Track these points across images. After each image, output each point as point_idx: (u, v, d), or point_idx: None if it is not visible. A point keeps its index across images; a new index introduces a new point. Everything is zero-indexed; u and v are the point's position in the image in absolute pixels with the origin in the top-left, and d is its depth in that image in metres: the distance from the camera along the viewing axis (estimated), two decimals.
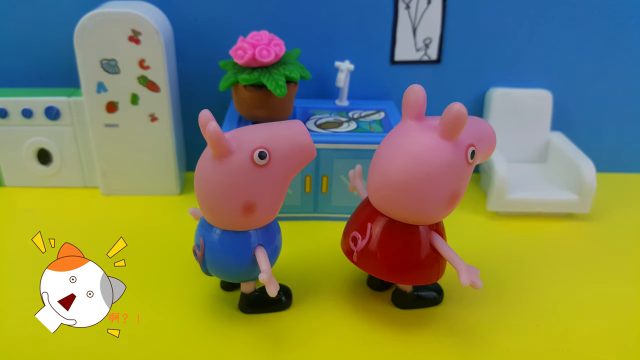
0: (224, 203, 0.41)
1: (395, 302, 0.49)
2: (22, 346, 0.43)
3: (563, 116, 0.72)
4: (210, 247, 0.44)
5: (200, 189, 0.42)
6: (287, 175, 0.42)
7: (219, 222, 0.42)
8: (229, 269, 0.44)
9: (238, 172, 0.40)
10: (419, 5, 0.66)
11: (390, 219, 0.44)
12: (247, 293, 0.47)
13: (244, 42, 0.56)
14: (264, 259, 0.42)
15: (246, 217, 0.41)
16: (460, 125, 0.39)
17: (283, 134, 0.41)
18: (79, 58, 0.58)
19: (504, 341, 0.45)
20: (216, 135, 0.39)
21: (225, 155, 0.40)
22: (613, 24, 0.67)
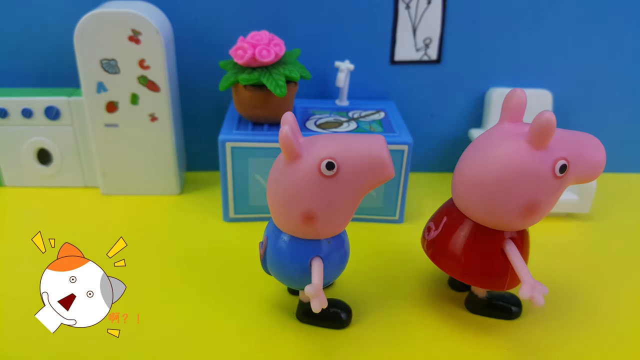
0: (286, 207, 0.40)
1: (467, 305, 0.48)
2: (22, 346, 0.43)
3: (563, 116, 0.72)
4: (271, 247, 0.43)
5: (269, 188, 0.41)
6: (356, 191, 0.40)
7: (281, 225, 0.42)
8: (285, 273, 0.43)
9: (303, 178, 0.39)
10: (419, 5, 0.66)
11: (465, 218, 0.44)
12: (304, 302, 0.46)
13: (244, 42, 0.56)
14: (318, 272, 0.41)
15: (306, 226, 0.40)
16: (548, 134, 0.38)
17: (357, 147, 0.39)
18: (79, 58, 0.58)
19: None
20: (286, 139, 0.38)
21: (295, 159, 0.39)
22: (613, 24, 0.67)
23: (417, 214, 0.64)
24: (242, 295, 0.50)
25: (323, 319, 0.46)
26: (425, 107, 0.71)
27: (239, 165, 0.59)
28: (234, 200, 0.60)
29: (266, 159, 0.58)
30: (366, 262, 0.55)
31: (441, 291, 0.51)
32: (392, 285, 0.52)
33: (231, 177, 0.59)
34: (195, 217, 0.62)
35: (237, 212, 0.61)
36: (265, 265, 0.45)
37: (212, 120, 0.70)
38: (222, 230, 0.60)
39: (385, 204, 0.61)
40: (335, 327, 0.46)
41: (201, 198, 0.66)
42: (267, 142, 0.58)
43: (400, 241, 0.59)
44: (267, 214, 0.62)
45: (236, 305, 0.48)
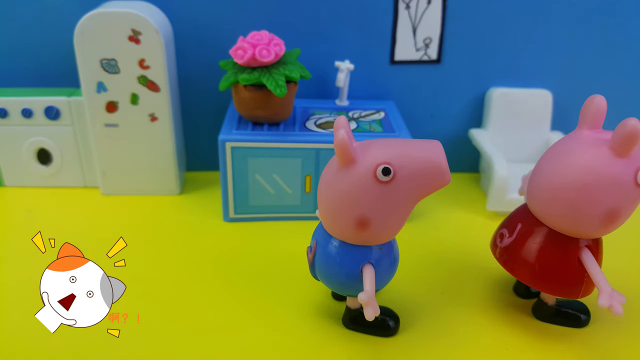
0: (339, 212, 0.39)
1: (534, 313, 0.48)
2: (22, 346, 0.43)
3: (563, 116, 0.72)
4: (321, 252, 0.43)
5: (321, 193, 0.40)
6: (412, 197, 0.39)
7: (332, 230, 0.41)
8: (335, 279, 0.42)
9: (358, 184, 0.38)
10: (419, 5, 0.66)
11: (541, 225, 0.43)
12: (351, 308, 0.45)
13: (244, 42, 0.56)
14: (370, 279, 0.40)
15: (359, 232, 0.39)
16: (633, 141, 0.37)
17: (414, 153, 0.38)
18: (79, 58, 0.58)
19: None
20: (343, 143, 0.37)
21: (349, 164, 0.38)
22: (613, 24, 0.67)
23: (417, 214, 0.64)
24: (243, 296, 0.50)
25: (371, 326, 0.45)
26: (425, 107, 0.71)
27: (239, 165, 0.59)
28: (234, 200, 0.60)
29: (266, 159, 0.58)
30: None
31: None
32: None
33: (231, 177, 0.59)
34: (195, 217, 0.62)
35: (237, 212, 0.61)
36: (313, 270, 0.44)
37: (212, 120, 0.70)
38: (222, 230, 0.60)
39: None
40: (383, 334, 0.45)
41: (201, 198, 0.66)
42: (267, 142, 0.58)
43: (401, 241, 0.59)
44: (267, 213, 0.62)
45: (237, 306, 0.48)
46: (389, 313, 0.46)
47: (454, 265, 0.55)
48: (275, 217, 0.62)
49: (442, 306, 0.49)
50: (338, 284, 0.42)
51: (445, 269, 0.54)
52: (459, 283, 0.52)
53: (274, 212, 0.62)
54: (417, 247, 0.58)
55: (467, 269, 0.54)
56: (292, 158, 0.59)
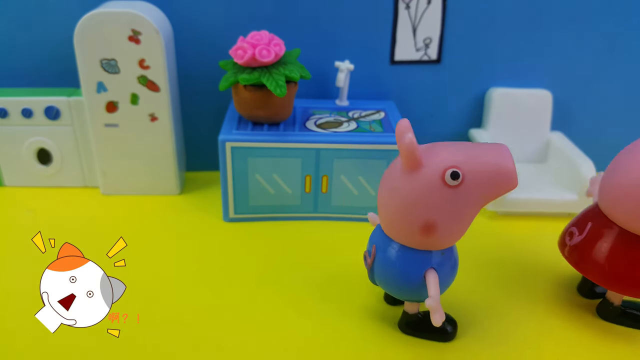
0: (405, 217, 0.39)
1: (599, 312, 0.48)
2: (22, 346, 0.43)
3: (563, 116, 0.72)
4: (381, 257, 0.42)
5: (384, 197, 0.40)
6: (478, 202, 0.38)
7: (395, 235, 0.41)
8: (395, 284, 0.42)
9: (425, 188, 0.37)
10: (419, 5, 0.66)
11: (613, 224, 0.43)
12: (409, 313, 0.45)
13: (244, 42, 0.56)
14: (434, 284, 0.40)
15: (424, 237, 0.39)
16: None
17: (483, 156, 0.38)
18: (79, 58, 0.58)
19: None
20: (411, 147, 0.37)
21: (416, 168, 0.38)
22: (613, 24, 0.67)
23: None
24: (243, 296, 0.50)
25: (428, 331, 0.44)
26: (425, 107, 0.71)
27: (239, 165, 0.59)
28: (234, 200, 0.60)
29: (266, 158, 0.58)
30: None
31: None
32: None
33: (231, 177, 0.59)
34: (195, 217, 0.62)
35: (237, 212, 0.61)
36: (372, 275, 0.44)
37: (212, 120, 0.70)
38: (222, 230, 0.60)
39: None
40: (441, 339, 0.45)
41: (201, 198, 0.66)
42: (267, 142, 0.58)
43: None
44: (267, 213, 0.62)
45: (237, 306, 0.48)
46: (446, 318, 0.45)
47: None
48: (275, 217, 0.62)
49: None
50: (399, 289, 0.42)
51: None
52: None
53: (274, 212, 0.62)
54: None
55: (468, 269, 0.54)
56: (292, 158, 0.59)
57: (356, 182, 0.60)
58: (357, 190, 0.61)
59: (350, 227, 0.61)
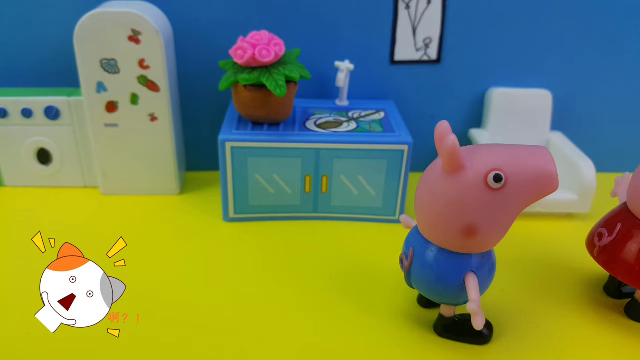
0: (446, 220, 0.39)
1: (627, 312, 0.48)
2: (22, 346, 0.43)
3: (563, 116, 0.72)
4: (419, 260, 0.42)
5: (423, 200, 0.40)
6: (519, 205, 0.38)
7: (434, 238, 0.41)
8: (434, 287, 0.42)
9: (467, 191, 0.37)
10: (419, 5, 0.66)
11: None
12: (445, 316, 0.45)
13: (244, 42, 0.56)
14: (475, 288, 0.40)
15: (465, 240, 0.39)
16: None
17: (525, 159, 0.37)
18: (79, 58, 0.58)
19: None
20: (454, 149, 0.36)
21: (458, 170, 0.37)
22: (613, 24, 0.67)
23: None
24: (243, 296, 0.50)
25: (465, 334, 0.44)
26: (425, 107, 0.71)
27: (239, 165, 0.59)
28: (234, 200, 0.60)
29: (266, 158, 0.58)
30: None
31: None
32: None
33: (231, 177, 0.59)
34: (195, 217, 0.62)
35: (237, 212, 0.61)
36: (409, 278, 0.44)
37: (212, 120, 0.70)
38: (222, 230, 0.60)
39: (385, 204, 0.61)
40: (477, 343, 0.44)
41: (201, 198, 0.66)
42: (267, 142, 0.58)
43: (401, 241, 0.59)
44: (267, 213, 0.62)
45: (238, 306, 0.48)
46: None
47: None
48: (275, 217, 0.62)
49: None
50: (437, 292, 0.42)
51: None
52: None
53: (274, 212, 0.62)
54: None
55: None
56: (292, 158, 0.59)
57: (356, 182, 0.60)
58: (357, 190, 0.61)
59: (350, 227, 0.61)
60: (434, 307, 0.48)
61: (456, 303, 0.43)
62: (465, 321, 0.44)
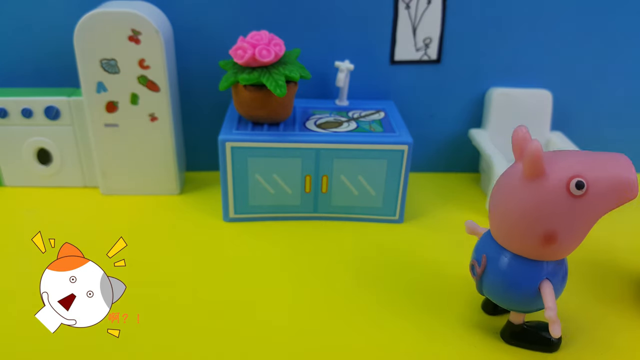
0: (525, 227, 0.38)
1: None
2: (22, 346, 0.43)
3: (563, 116, 0.72)
4: (493, 267, 0.41)
5: (500, 205, 0.40)
6: (598, 212, 0.38)
7: (510, 244, 0.40)
8: (508, 294, 0.41)
9: (548, 198, 0.37)
10: (419, 5, 0.66)
11: None
12: (514, 323, 0.44)
13: (244, 42, 0.56)
14: (551, 295, 0.39)
15: (544, 247, 0.39)
16: None
17: (605, 166, 0.37)
18: (79, 58, 0.58)
19: None
20: (537, 155, 0.36)
21: (539, 177, 0.37)
22: (613, 24, 0.67)
23: (417, 214, 0.64)
24: (244, 296, 0.50)
25: (533, 342, 0.44)
26: (425, 107, 0.71)
27: (239, 165, 0.59)
28: (234, 200, 0.60)
29: (266, 158, 0.58)
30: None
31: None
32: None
33: (231, 177, 0.59)
34: (195, 217, 0.62)
35: (237, 212, 0.61)
36: (480, 285, 0.43)
37: (212, 120, 0.70)
38: (222, 230, 0.60)
39: (385, 204, 0.61)
40: (546, 350, 0.44)
41: (201, 198, 0.66)
42: (267, 142, 0.58)
43: (401, 241, 0.59)
44: (267, 213, 0.62)
45: (238, 306, 0.48)
46: (548, 327, 0.43)
47: (456, 265, 0.55)
48: (275, 217, 0.62)
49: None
50: (510, 299, 0.42)
51: (449, 270, 0.54)
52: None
53: (274, 212, 0.62)
54: (417, 247, 0.58)
55: (468, 270, 0.54)
56: (292, 158, 0.59)
57: (356, 182, 0.60)
58: (357, 190, 0.61)
59: (350, 227, 0.61)
60: (499, 313, 0.47)
61: (529, 310, 0.42)
62: (534, 328, 0.43)
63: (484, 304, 0.48)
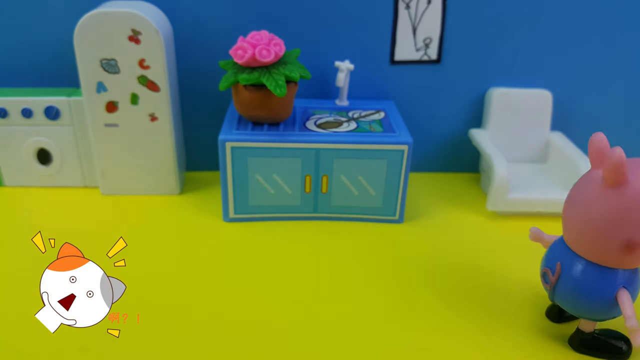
0: (605, 235, 0.38)
1: None
2: (22, 346, 0.43)
3: (563, 116, 0.72)
4: (567, 275, 0.41)
5: (577, 213, 0.39)
6: None
7: (587, 252, 0.40)
8: (582, 302, 0.41)
9: (631, 206, 0.37)
10: (419, 5, 0.66)
11: None
12: (585, 331, 0.44)
13: (244, 42, 0.56)
14: (629, 304, 0.39)
15: (624, 255, 0.38)
16: None
17: None
18: (79, 58, 0.58)
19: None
20: (621, 163, 0.36)
21: (621, 185, 0.37)
22: (613, 24, 0.67)
23: (417, 214, 0.64)
24: (244, 296, 0.50)
25: (603, 350, 0.43)
26: (425, 107, 0.71)
27: (239, 165, 0.59)
28: (234, 200, 0.60)
29: (266, 158, 0.58)
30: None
31: None
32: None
33: (231, 177, 0.59)
34: (195, 217, 0.62)
35: (237, 212, 0.61)
36: (553, 294, 0.43)
37: (212, 120, 0.70)
38: (222, 230, 0.60)
39: (385, 204, 0.61)
40: (615, 358, 0.43)
41: (201, 198, 0.66)
42: (267, 142, 0.58)
43: (401, 241, 0.59)
44: (267, 213, 0.62)
45: (238, 306, 0.48)
46: (618, 336, 0.44)
47: (456, 266, 0.55)
48: (275, 217, 0.62)
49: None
50: (585, 307, 0.41)
51: (449, 270, 0.54)
52: (465, 286, 0.52)
53: (274, 212, 0.62)
54: (417, 247, 0.58)
55: (469, 270, 0.54)
56: (292, 158, 0.59)
57: (356, 182, 0.60)
58: (357, 190, 0.61)
59: (350, 227, 0.61)
60: (565, 321, 0.47)
61: (604, 318, 0.42)
62: (605, 336, 0.43)
63: (548, 311, 0.48)
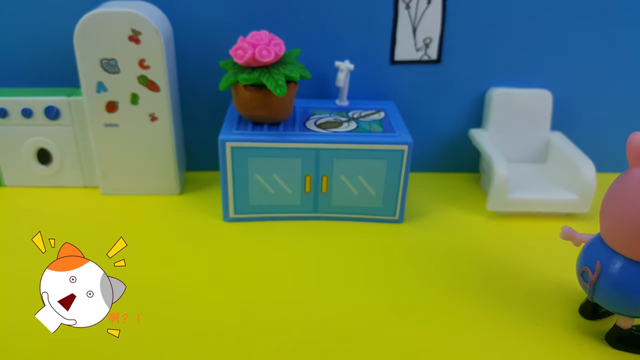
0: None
1: None
2: (22, 346, 0.43)
3: (563, 116, 0.72)
4: (606, 273, 0.42)
5: (617, 211, 0.40)
6: None
7: (628, 250, 0.41)
8: (622, 300, 0.41)
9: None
10: (419, 5, 0.66)
11: None
12: (623, 328, 0.44)
13: (244, 42, 0.56)
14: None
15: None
16: None
17: None
18: (79, 58, 0.58)
19: None
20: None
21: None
22: (613, 24, 0.67)
23: (417, 214, 0.64)
24: (244, 295, 0.50)
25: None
26: (425, 107, 0.71)
27: (239, 165, 0.59)
28: (234, 200, 0.60)
29: (266, 158, 0.58)
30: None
31: None
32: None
33: (231, 177, 0.59)
34: (195, 217, 0.62)
35: (237, 212, 0.61)
36: (592, 292, 0.43)
37: (212, 120, 0.70)
38: (222, 230, 0.60)
39: (385, 204, 0.61)
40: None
41: (201, 198, 0.66)
42: (267, 142, 0.58)
43: (401, 241, 0.59)
44: (267, 213, 0.62)
45: (239, 306, 0.48)
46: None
47: (456, 266, 0.55)
48: (275, 217, 0.62)
49: None
50: (624, 304, 0.42)
51: (449, 270, 0.54)
52: (462, 282, 0.52)
53: (274, 212, 0.62)
54: (417, 247, 0.58)
55: (469, 270, 0.54)
56: (292, 158, 0.59)
57: (356, 182, 0.60)
58: (357, 190, 0.61)
59: (350, 227, 0.61)
60: (598, 318, 0.47)
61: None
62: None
63: (581, 308, 0.48)
